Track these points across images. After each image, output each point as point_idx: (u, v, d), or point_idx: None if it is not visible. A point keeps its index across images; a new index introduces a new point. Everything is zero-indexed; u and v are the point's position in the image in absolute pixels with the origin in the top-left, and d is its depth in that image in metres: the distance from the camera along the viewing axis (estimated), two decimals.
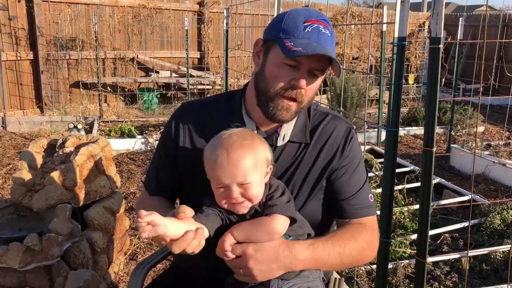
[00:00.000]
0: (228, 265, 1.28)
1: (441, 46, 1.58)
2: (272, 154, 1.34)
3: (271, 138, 1.44)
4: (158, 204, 1.51)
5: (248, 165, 1.24)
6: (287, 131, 1.44)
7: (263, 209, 1.29)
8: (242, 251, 1.24)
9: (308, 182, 1.44)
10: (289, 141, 1.45)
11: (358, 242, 1.39)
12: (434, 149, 1.65)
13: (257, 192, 1.27)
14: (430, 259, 2.91)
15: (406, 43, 1.69)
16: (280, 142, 1.44)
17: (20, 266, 2.20)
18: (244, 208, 1.27)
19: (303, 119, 1.48)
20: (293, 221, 1.29)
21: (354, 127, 1.50)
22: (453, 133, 6.34)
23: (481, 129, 7.10)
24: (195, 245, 1.19)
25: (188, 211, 1.26)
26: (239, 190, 1.24)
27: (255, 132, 1.44)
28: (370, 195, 1.50)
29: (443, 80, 9.18)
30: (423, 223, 1.72)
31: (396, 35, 1.70)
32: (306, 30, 1.31)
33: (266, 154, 1.30)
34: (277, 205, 1.28)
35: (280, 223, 1.26)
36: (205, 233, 1.24)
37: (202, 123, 1.50)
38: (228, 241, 1.23)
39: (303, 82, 1.31)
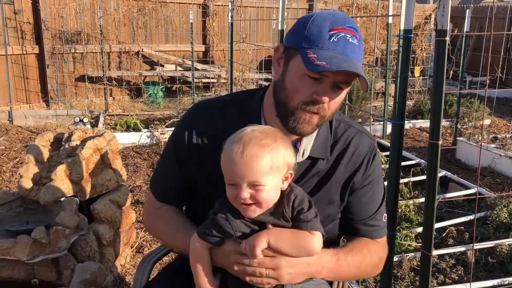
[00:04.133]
0: (249, 269, 1.22)
1: (447, 38, 1.58)
2: (295, 159, 1.25)
3: None
4: (179, 223, 1.46)
5: (263, 165, 1.16)
6: (307, 146, 1.36)
7: (288, 222, 1.23)
8: (275, 264, 1.21)
9: (329, 200, 1.40)
10: (309, 157, 1.36)
11: (373, 259, 1.42)
12: (440, 142, 1.65)
13: (269, 197, 1.20)
14: (436, 252, 2.90)
15: (412, 35, 1.68)
16: (299, 158, 1.35)
17: (28, 258, 2.22)
18: (252, 212, 1.21)
19: (324, 132, 1.40)
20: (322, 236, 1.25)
21: (359, 120, 1.47)
22: (459, 126, 6.31)
23: (487, 122, 7.05)
24: None
25: None
26: (250, 191, 1.18)
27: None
28: (385, 215, 1.48)
29: (450, 72, 9.13)
30: (428, 216, 1.72)
31: (402, 27, 1.69)
32: (332, 40, 1.20)
33: (287, 157, 1.21)
34: (312, 221, 1.22)
35: (318, 240, 1.22)
36: None
37: (216, 130, 1.39)
38: (261, 246, 1.18)
39: (325, 98, 1.23)
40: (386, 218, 1.48)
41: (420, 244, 3.08)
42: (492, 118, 7.28)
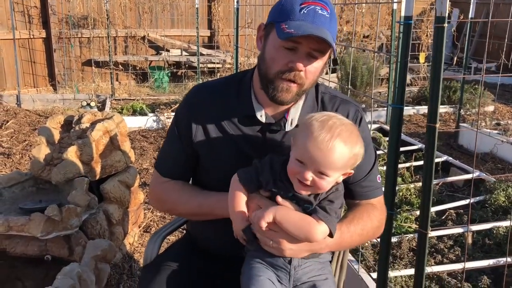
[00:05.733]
0: (258, 235, 1.32)
1: (446, 25, 1.63)
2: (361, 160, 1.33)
3: (279, 123, 1.46)
4: (191, 189, 1.56)
5: (339, 162, 1.25)
6: (294, 115, 1.46)
7: (314, 201, 1.31)
8: (278, 239, 1.29)
9: None
10: (297, 125, 1.45)
11: (373, 222, 1.49)
12: (437, 125, 1.71)
13: (327, 186, 1.29)
14: (434, 233, 2.99)
15: (412, 22, 1.74)
16: (288, 127, 1.46)
17: (42, 235, 2.31)
18: (305, 191, 1.29)
19: (311, 102, 1.50)
20: (329, 235, 1.32)
21: (363, 106, 1.55)
22: (463, 112, 6.34)
23: (491, 108, 7.07)
24: None
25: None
26: (314, 176, 1.25)
27: (264, 117, 1.47)
28: (378, 176, 1.57)
29: (455, 59, 9.12)
30: (425, 195, 1.79)
31: (402, 14, 1.74)
32: (302, 12, 1.31)
33: (358, 160, 1.30)
34: (330, 216, 1.29)
35: (322, 232, 1.28)
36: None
37: (214, 107, 1.51)
38: (266, 220, 1.26)
39: (300, 65, 1.33)
40: (380, 179, 1.57)
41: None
42: (496, 105, 7.30)
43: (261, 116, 1.46)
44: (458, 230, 3.01)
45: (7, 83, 7.32)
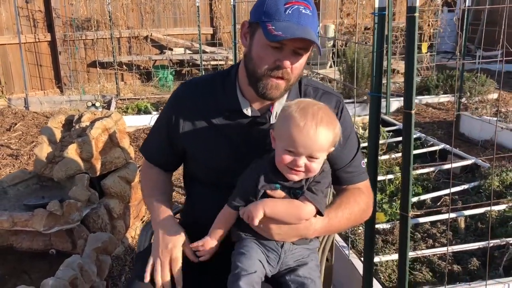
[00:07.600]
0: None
1: (417, 14, 1.70)
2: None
3: (264, 116, 1.54)
4: (155, 187, 1.70)
5: (326, 143, 1.35)
6: (279, 108, 1.52)
7: (305, 188, 1.40)
8: (266, 226, 1.39)
9: None
10: None
11: (360, 206, 1.56)
12: (413, 112, 1.78)
13: (318, 168, 1.38)
14: (428, 219, 3.06)
15: (385, 13, 1.80)
16: (273, 120, 1.54)
17: (45, 229, 2.41)
18: (298, 177, 1.38)
19: (294, 95, 1.57)
20: (318, 213, 1.41)
21: (364, 97, 1.62)
22: (465, 100, 6.35)
23: (494, 95, 7.07)
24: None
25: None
26: (305, 161, 1.34)
27: (250, 111, 1.55)
28: (363, 161, 1.65)
29: (457, 47, 9.09)
30: (405, 179, 1.85)
31: (376, 5, 1.81)
32: (287, 13, 1.37)
33: (338, 136, 1.40)
34: (317, 196, 1.39)
35: (310, 212, 1.38)
36: None
37: (201, 103, 1.60)
38: (259, 217, 1.36)
39: (287, 63, 1.40)
40: (364, 164, 1.65)
41: (415, 213, 3.24)
42: (500, 92, 7.28)
43: (247, 110, 1.55)
44: (447, 215, 3.07)
45: (15, 86, 7.49)
